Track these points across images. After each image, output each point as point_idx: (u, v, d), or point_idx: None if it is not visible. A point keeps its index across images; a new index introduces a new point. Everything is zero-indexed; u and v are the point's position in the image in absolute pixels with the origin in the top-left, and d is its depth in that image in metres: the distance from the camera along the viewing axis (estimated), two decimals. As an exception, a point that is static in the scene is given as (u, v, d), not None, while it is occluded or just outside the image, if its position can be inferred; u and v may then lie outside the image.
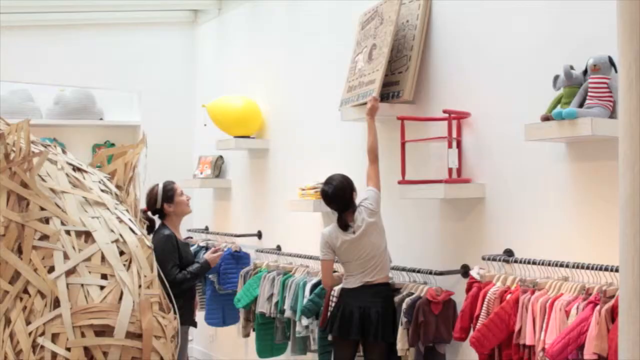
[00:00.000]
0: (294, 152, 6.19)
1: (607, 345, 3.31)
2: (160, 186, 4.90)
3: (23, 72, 7.06)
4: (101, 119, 7.63)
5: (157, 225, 4.94)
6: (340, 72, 5.32)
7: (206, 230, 7.34)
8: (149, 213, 4.89)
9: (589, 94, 3.58)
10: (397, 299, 4.47)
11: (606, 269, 3.52)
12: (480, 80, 4.39)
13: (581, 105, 3.59)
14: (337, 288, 4.93)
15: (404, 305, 4.36)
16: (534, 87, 4.01)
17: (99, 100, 7.62)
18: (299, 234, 5.86)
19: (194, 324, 4.81)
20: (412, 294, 4.48)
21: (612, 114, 3.50)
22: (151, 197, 4.86)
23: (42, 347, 3.03)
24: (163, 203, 4.79)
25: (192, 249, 5.88)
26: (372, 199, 4.51)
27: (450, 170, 4.34)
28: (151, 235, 4.68)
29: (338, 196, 4.49)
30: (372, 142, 4.56)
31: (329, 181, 4.56)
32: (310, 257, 5.44)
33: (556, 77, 3.73)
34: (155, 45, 7.78)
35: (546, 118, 3.63)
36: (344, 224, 4.47)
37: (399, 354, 4.37)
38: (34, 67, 7.15)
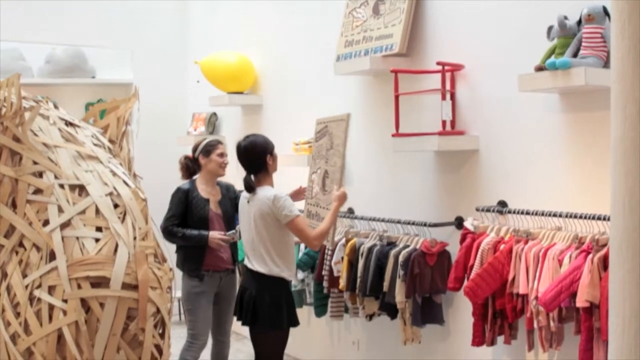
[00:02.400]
0: (288, 106, 6.17)
1: (599, 293, 3.35)
2: (207, 140, 4.91)
3: (14, 30, 6.98)
4: (93, 77, 7.58)
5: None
6: (334, 25, 5.28)
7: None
8: (189, 162, 4.89)
9: (583, 44, 3.56)
10: (393, 252, 4.50)
11: (599, 218, 3.54)
12: (474, 31, 4.36)
13: (575, 55, 3.58)
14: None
15: (401, 258, 4.40)
16: (527, 38, 3.99)
17: (90, 59, 7.55)
18: (294, 189, 5.87)
19: (200, 277, 4.68)
20: (408, 246, 4.51)
21: (606, 64, 3.48)
22: (195, 145, 4.88)
23: (39, 299, 3.05)
24: (200, 154, 4.80)
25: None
26: (284, 206, 4.07)
27: (443, 122, 4.33)
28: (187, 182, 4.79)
29: (248, 152, 4.24)
30: (326, 227, 4.15)
31: (247, 136, 4.37)
32: (305, 212, 5.45)
33: (550, 28, 3.70)
34: (147, 1, 7.69)
35: (540, 68, 3.62)
36: (247, 184, 4.22)
37: (398, 306, 4.41)
38: (24, 26, 7.07)
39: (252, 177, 4.25)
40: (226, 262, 4.78)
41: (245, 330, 4.34)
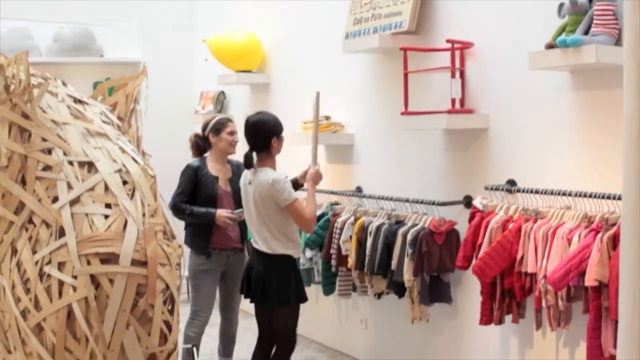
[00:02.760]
0: (296, 85, 6.16)
1: (607, 272, 3.34)
2: (217, 118, 4.91)
3: (22, 9, 6.96)
4: (101, 56, 7.56)
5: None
6: (343, 3, 5.25)
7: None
8: (199, 141, 4.90)
9: (594, 21, 3.53)
10: (401, 230, 4.50)
11: (608, 197, 3.53)
12: (484, 9, 4.33)
13: (586, 33, 3.55)
14: (340, 220, 4.97)
15: (409, 237, 4.40)
16: (538, 16, 3.96)
17: (98, 37, 7.53)
18: (301, 168, 5.87)
19: (207, 254, 4.73)
20: (416, 225, 4.51)
21: (618, 42, 3.45)
22: (205, 124, 4.89)
23: (48, 275, 3.06)
24: (210, 132, 4.80)
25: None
26: (283, 190, 4.05)
27: (453, 100, 4.31)
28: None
29: (255, 129, 4.21)
30: (312, 211, 4.19)
31: (258, 112, 4.36)
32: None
33: (561, 5, 3.67)
34: (155, -21, 7.66)
35: (550, 46, 3.59)
36: (247, 160, 4.20)
37: (406, 284, 4.41)
38: (32, 4, 7.04)
39: (255, 154, 4.22)
40: (234, 240, 4.79)
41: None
